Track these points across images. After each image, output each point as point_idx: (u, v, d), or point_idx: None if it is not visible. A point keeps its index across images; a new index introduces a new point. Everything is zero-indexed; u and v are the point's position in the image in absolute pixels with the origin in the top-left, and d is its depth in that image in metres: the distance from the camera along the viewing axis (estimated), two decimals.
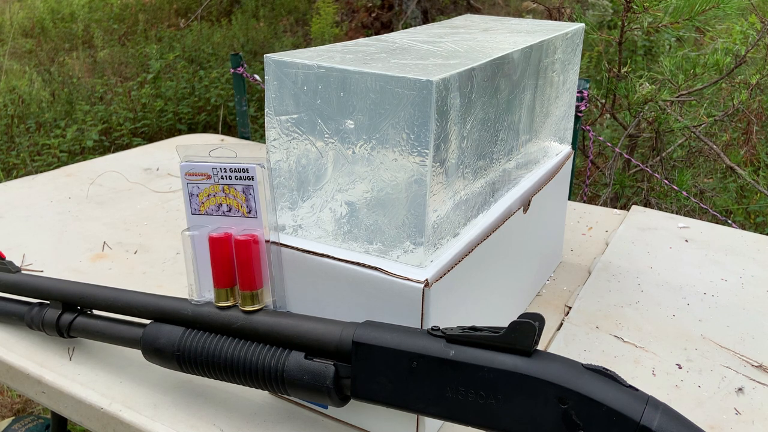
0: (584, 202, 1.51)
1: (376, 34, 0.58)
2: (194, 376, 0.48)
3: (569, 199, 0.76)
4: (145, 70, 3.26)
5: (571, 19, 2.01)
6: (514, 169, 0.56)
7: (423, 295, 0.41)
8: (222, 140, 1.18)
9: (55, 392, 0.53)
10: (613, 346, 0.57)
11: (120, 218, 0.84)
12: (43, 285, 0.55)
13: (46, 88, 3.11)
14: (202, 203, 0.46)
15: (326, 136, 0.43)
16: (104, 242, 0.77)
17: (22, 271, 0.62)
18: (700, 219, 0.89)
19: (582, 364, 0.37)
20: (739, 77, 1.50)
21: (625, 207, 1.68)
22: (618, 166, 1.78)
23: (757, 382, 0.53)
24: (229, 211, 0.46)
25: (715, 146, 1.56)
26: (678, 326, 0.61)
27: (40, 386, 0.54)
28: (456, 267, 0.44)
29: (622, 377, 0.36)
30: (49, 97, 3.02)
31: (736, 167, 1.55)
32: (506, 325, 0.37)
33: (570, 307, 0.64)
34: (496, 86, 0.47)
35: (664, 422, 0.34)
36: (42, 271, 0.69)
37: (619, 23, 1.42)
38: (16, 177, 2.42)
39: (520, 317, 0.37)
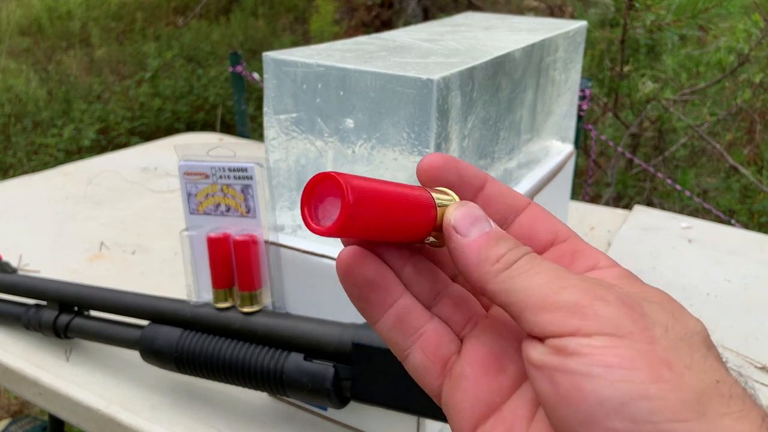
0: (586, 201, 1.50)
1: (376, 32, 0.57)
2: (192, 377, 0.48)
3: (571, 198, 0.76)
4: (143, 69, 3.25)
5: (572, 17, 2.01)
6: (516, 168, 0.55)
7: None
8: (221, 139, 1.18)
9: (52, 394, 0.53)
10: None
11: (118, 218, 0.83)
12: (40, 286, 0.54)
13: (43, 86, 3.10)
14: (201, 203, 0.46)
15: (326, 135, 0.43)
16: (102, 242, 0.77)
17: (19, 272, 0.61)
18: (703, 219, 0.89)
19: None
20: (743, 76, 1.49)
21: (628, 207, 1.68)
22: (620, 166, 1.78)
23: (762, 383, 0.53)
24: (228, 210, 0.45)
25: (718, 145, 1.56)
26: None
27: (37, 388, 0.53)
28: None
29: None
30: (46, 96, 3.01)
31: (740, 166, 1.54)
32: None
33: None
34: (498, 85, 0.47)
35: None
36: (39, 272, 0.69)
37: (622, 21, 1.42)
38: (12, 176, 2.41)
39: None
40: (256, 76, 1.81)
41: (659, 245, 0.76)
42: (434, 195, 0.21)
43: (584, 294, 0.17)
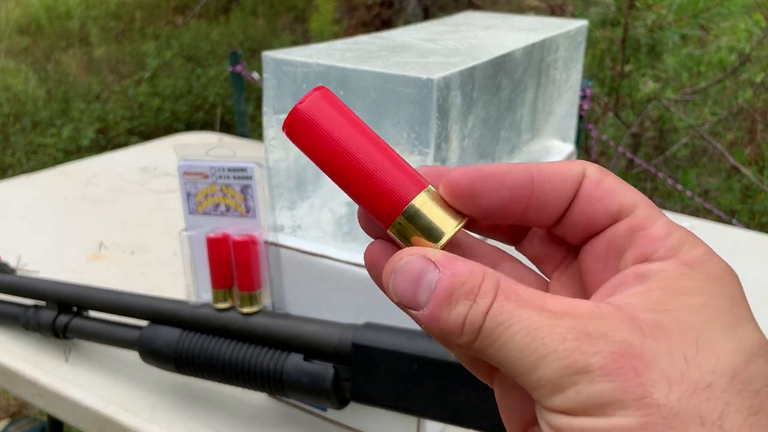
0: None
1: (377, 31, 0.57)
2: (192, 378, 0.48)
3: None
4: (142, 68, 3.25)
5: (573, 17, 2.01)
6: None
7: None
8: (220, 139, 1.17)
9: (51, 394, 0.52)
10: None
11: (117, 218, 0.83)
12: (39, 286, 0.54)
13: (42, 86, 3.10)
14: (200, 203, 0.45)
15: None
16: (101, 242, 0.76)
17: (18, 272, 0.61)
18: (704, 219, 0.89)
19: None
20: (744, 75, 1.49)
21: None
22: (621, 166, 1.78)
23: None
24: (228, 211, 0.45)
25: (719, 145, 1.55)
26: None
27: (36, 388, 0.53)
28: None
29: None
30: (44, 96, 3.00)
31: (741, 166, 1.54)
32: None
33: None
34: (498, 84, 0.47)
35: None
36: (38, 272, 0.69)
37: (622, 21, 1.42)
38: (11, 176, 2.41)
39: None
40: (255, 75, 1.81)
41: None
42: (420, 198, 0.17)
43: (565, 367, 0.14)
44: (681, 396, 0.14)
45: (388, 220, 0.17)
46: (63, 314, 0.53)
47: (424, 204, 0.17)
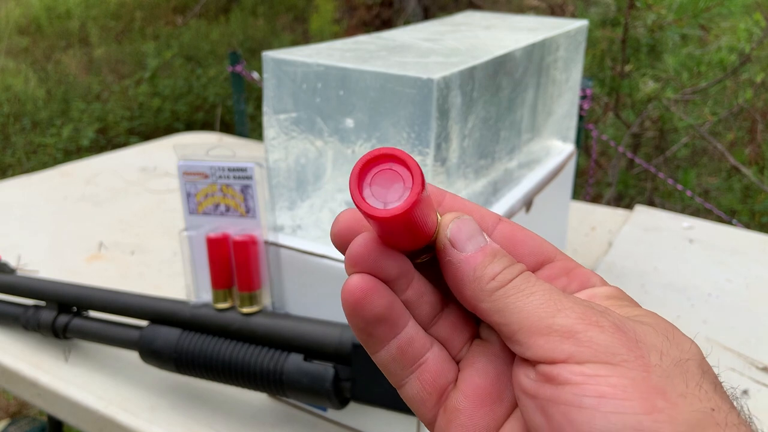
0: (587, 201, 1.50)
1: (377, 31, 0.58)
2: (192, 378, 0.48)
3: (572, 198, 0.76)
4: (141, 68, 3.25)
5: (573, 16, 2.01)
6: (516, 168, 0.55)
7: None
8: (220, 139, 1.17)
9: (51, 395, 0.52)
10: None
11: (116, 218, 0.83)
12: (39, 286, 0.54)
13: (42, 86, 3.09)
14: (200, 203, 0.45)
15: (326, 134, 0.42)
16: (101, 243, 0.76)
17: (18, 272, 0.61)
18: (705, 219, 0.89)
19: None
20: (744, 75, 1.49)
21: (629, 207, 1.68)
22: (621, 166, 1.78)
23: (762, 384, 0.53)
24: (227, 211, 0.45)
25: (719, 145, 1.55)
26: (682, 328, 0.60)
27: (36, 388, 0.53)
28: None
29: None
30: (44, 96, 3.00)
31: (741, 166, 1.54)
32: None
33: None
34: (498, 84, 0.47)
35: None
36: (38, 272, 0.69)
37: (623, 20, 1.42)
38: (11, 176, 2.41)
39: None
40: (255, 75, 1.81)
41: (661, 245, 0.76)
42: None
43: (579, 318, 0.17)
44: (668, 364, 0.17)
45: (425, 242, 0.20)
46: (63, 314, 0.53)
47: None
